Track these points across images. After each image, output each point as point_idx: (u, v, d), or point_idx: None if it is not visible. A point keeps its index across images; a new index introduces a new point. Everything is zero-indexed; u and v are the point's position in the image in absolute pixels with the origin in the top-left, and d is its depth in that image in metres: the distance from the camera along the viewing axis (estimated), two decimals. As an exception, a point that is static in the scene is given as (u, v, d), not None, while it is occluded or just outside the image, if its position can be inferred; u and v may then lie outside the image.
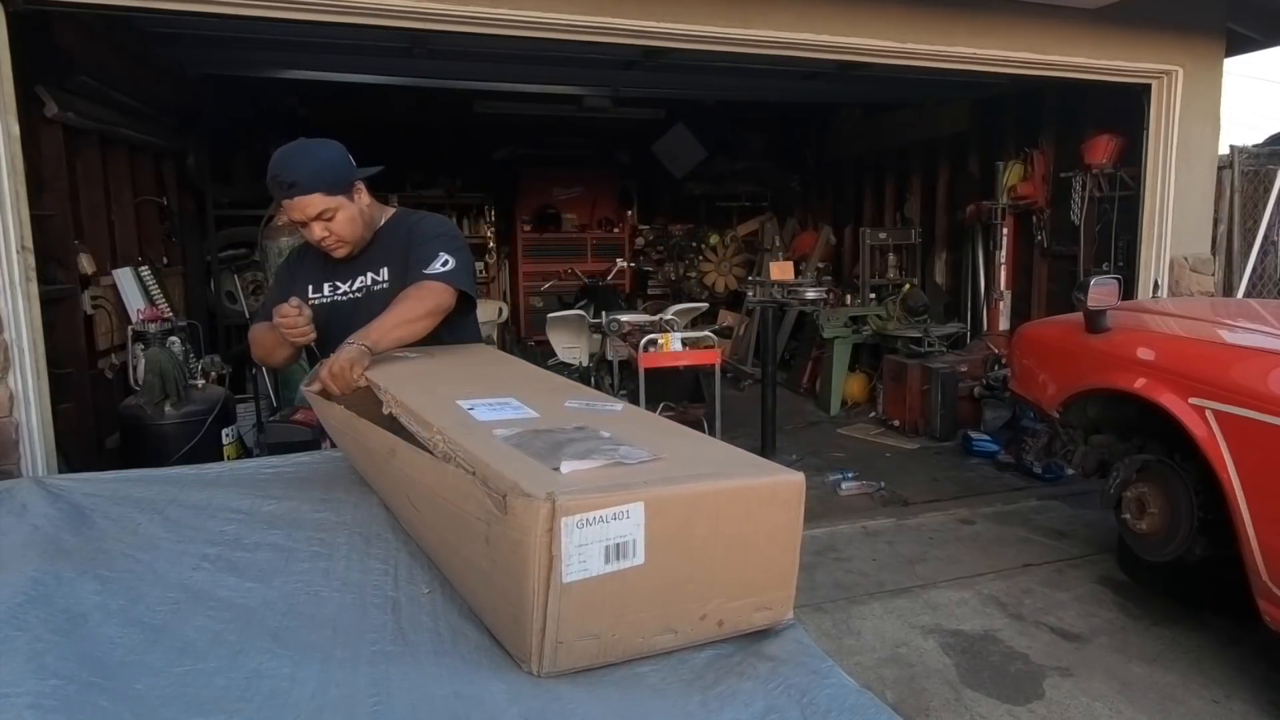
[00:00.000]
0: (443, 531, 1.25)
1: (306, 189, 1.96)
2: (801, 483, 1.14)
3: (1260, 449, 2.48)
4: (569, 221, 9.45)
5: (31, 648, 0.97)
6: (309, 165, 1.97)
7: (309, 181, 1.96)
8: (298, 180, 1.95)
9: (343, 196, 2.02)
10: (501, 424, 1.27)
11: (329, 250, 2.08)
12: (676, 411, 4.72)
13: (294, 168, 1.96)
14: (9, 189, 2.88)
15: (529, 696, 0.98)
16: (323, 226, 2.02)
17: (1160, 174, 4.75)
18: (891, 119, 7.49)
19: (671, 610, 1.08)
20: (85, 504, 1.55)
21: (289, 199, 1.98)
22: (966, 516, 4.28)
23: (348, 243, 2.08)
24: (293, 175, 1.95)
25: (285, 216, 2.09)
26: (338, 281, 2.16)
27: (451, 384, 1.58)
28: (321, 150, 2.02)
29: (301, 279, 2.18)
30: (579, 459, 1.08)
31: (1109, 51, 4.45)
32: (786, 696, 1.00)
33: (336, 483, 1.73)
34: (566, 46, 4.00)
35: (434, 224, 2.19)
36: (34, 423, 3.00)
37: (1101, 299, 3.18)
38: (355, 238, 2.09)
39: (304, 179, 1.95)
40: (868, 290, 6.95)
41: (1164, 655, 2.93)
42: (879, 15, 4.02)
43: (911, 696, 2.69)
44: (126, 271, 4.31)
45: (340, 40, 4.51)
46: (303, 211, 1.99)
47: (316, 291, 2.15)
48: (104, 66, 4.02)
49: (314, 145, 2.02)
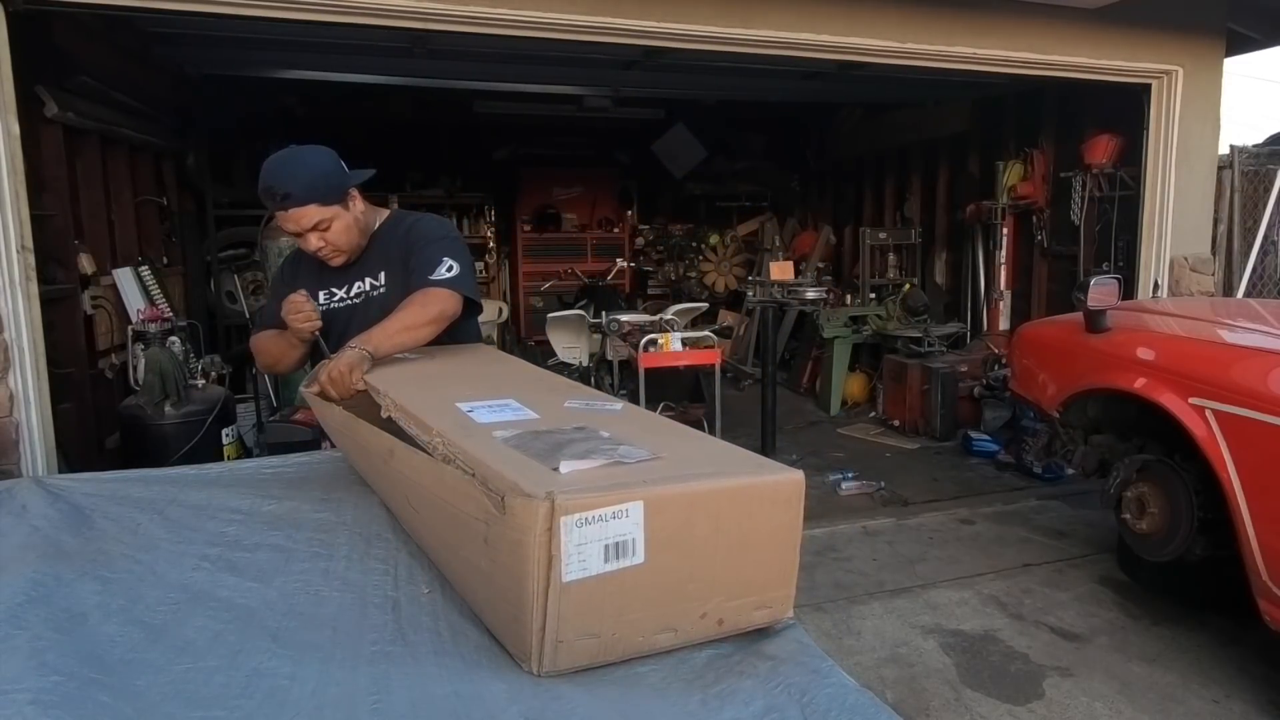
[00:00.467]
0: (442, 532, 1.25)
1: (301, 200, 1.92)
2: (801, 481, 1.14)
3: (1260, 449, 2.48)
4: (569, 221, 9.45)
5: (32, 645, 0.98)
6: (302, 176, 1.93)
7: (303, 193, 1.92)
8: (291, 192, 1.91)
9: (338, 206, 1.98)
10: (501, 425, 1.28)
11: (325, 259, 2.06)
12: (676, 411, 4.72)
13: (286, 179, 1.92)
14: (9, 189, 2.88)
15: (529, 696, 0.98)
16: (318, 237, 1.99)
17: (1160, 174, 4.75)
18: (891, 119, 7.49)
19: (671, 609, 1.08)
20: (85, 504, 1.55)
21: (283, 211, 1.94)
22: (966, 516, 4.28)
23: (344, 251, 2.06)
24: (285, 187, 1.91)
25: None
26: (334, 288, 2.13)
27: (451, 386, 1.58)
28: (314, 159, 1.98)
29: (298, 287, 2.13)
30: (578, 459, 1.08)
31: (1109, 51, 4.45)
32: (786, 695, 1.00)
33: (337, 483, 1.73)
34: (566, 46, 4.00)
35: (433, 226, 2.16)
36: (34, 423, 3.00)
37: (1101, 299, 3.19)
38: (351, 246, 2.06)
39: (297, 191, 1.91)
40: (868, 290, 6.95)
41: (1164, 655, 2.93)
42: (879, 15, 4.02)
43: (911, 696, 2.69)
44: (126, 271, 4.31)
45: (340, 40, 4.51)
46: (297, 223, 1.95)
47: (312, 299, 2.12)
48: (104, 66, 4.02)
49: (306, 154, 1.98)
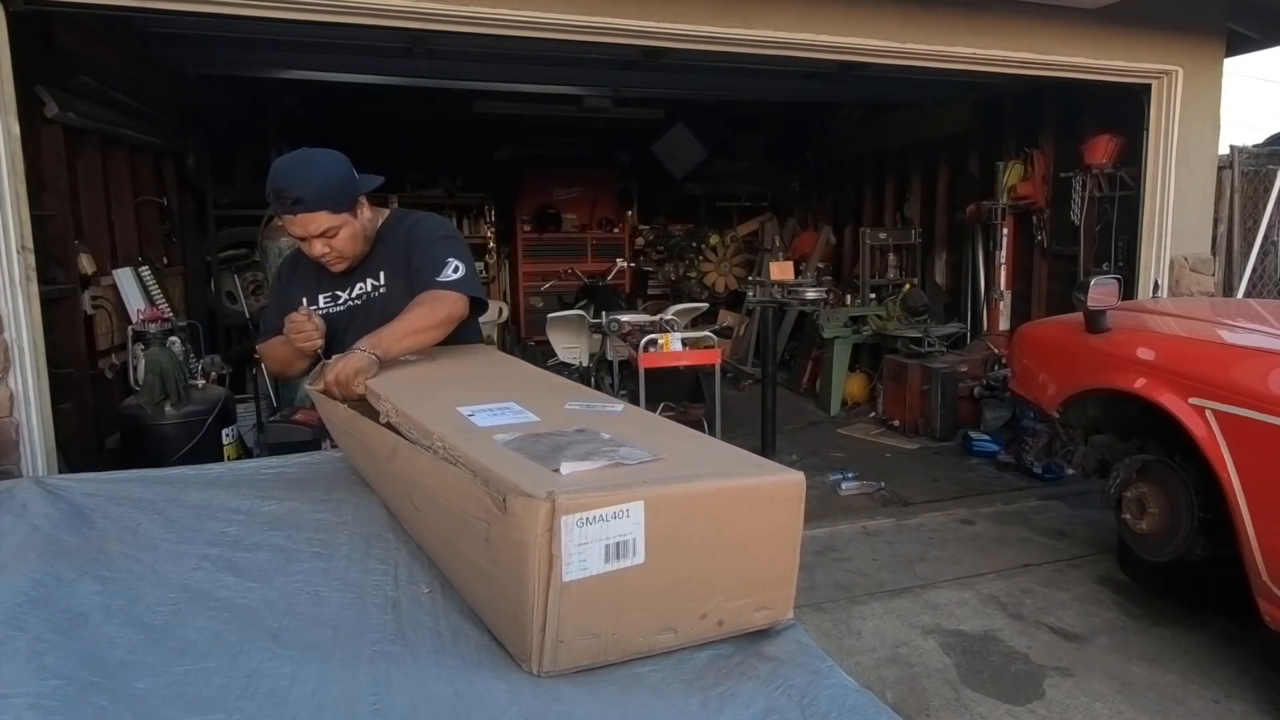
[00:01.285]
0: (443, 531, 1.25)
1: (312, 206, 1.88)
2: (802, 482, 1.14)
3: (1260, 449, 2.48)
4: (569, 221, 9.46)
5: (32, 648, 0.98)
6: (315, 181, 1.89)
7: (315, 199, 1.88)
8: (303, 197, 1.87)
9: (347, 214, 1.95)
10: (502, 429, 1.28)
11: (328, 265, 2.02)
12: (676, 411, 4.72)
13: (299, 183, 1.87)
14: (9, 189, 2.88)
15: (529, 696, 0.98)
16: (324, 243, 1.96)
17: (1160, 174, 4.75)
18: (891, 119, 7.49)
19: (671, 609, 1.08)
20: (85, 504, 1.55)
21: (292, 215, 1.90)
22: (966, 516, 4.28)
23: (347, 259, 2.03)
24: (298, 191, 1.87)
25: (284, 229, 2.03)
26: (336, 290, 2.11)
27: (452, 389, 1.58)
28: (327, 163, 1.94)
29: (296, 290, 2.11)
30: (579, 461, 1.09)
31: (1109, 51, 4.45)
32: (786, 697, 1.00)
33: (337, 483, 1.73)
34: (566, 46, 4.00)
35: (433, 225, 2.14)
36: (34, 423, 3.00)
37: (1101, 299, 3.18)
38: (355, 254, 2.03)
39: (310, 196, 1.87)
40: (868, 290, 6.95)
41: (1164, 655, 2.93)
42: (879, 15, 4.02)
43: (911, 696, 2.69)
44: (126, 271, 4.31)
45: (340, 40, 4.51)
46: (305, 228, 1.92)
47: (312, 303, 2.09)
48: (104, 66, 4.02)
49: (318, 158, 1.94)
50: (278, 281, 2.28)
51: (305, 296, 2.09)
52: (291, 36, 4.40)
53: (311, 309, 1.97)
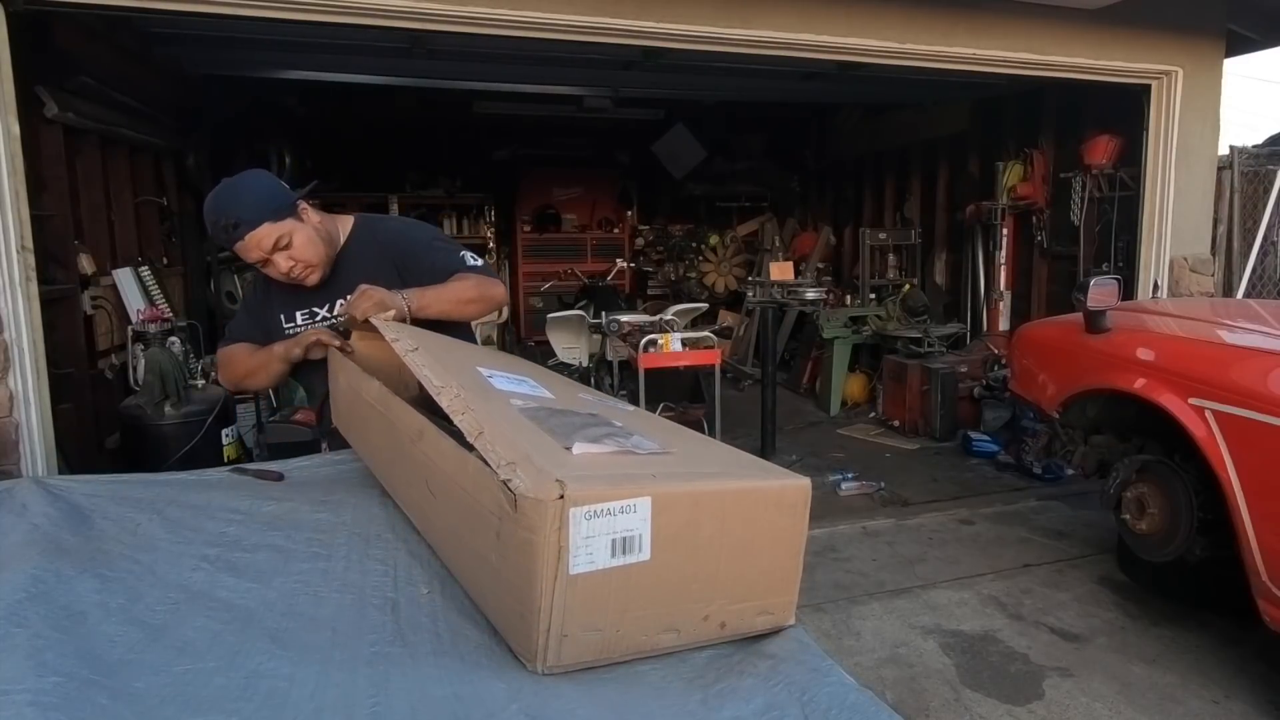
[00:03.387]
0: (455, 522, 1.24)
1: (253, 222, 1.86)
2: (807, 488, 1.14)
3: (1260, 449, 2.48)
4: (569, 222, 9.46)
5: (31, 644, 0.97)
6: (245, 200, 1.88)
7: (253, 215, 1.86)
8: (241, 217, 1.85)
9: (290, 219, 1.91)
10: (519, 396, 1.27)
11: (301, 280, 1.97)
12: (676, 412, 4.72)
13: (231, 206, 1.87)
14: (9, 189, 2.88)
15: (529, 695, 0.98)
16: (285, 257, 1.91)
17: (1160, 174, 4.75)
18: (891, 119, 7.50)
19: (675, 609, 1.07)
20: (85, 504, 1.55)
21: (240, 240, 1.87)
22: (966, 517, 4.28)
23: (315, 266, 1.96)
24: (234, 214, 1.85)
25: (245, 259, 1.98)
26: (314, 307, 2.04)
27: (469, 356, 1.57)
28: (250, 180, 1.94)
29: (273, 308, 2.07)
30: (591, 443, 1.09)
31: (1108, 52, 4.45)
32: (787, 694, 1.00)
33: (336, 484, 1.72)
34: (566, 46, 4.00)
35: (416, 227, 2.14)
36: (34, 423, 3.00)
37: (1101, 299, 3.19)
38: (321, 258, 1.97)
39: (246, 213, 1.86)
40: (868, 290, 6.95)
41: (1164, 655, 2.93)
42: (878, 16, 4.02)
43: (911, 696, 2.69)
44: (126, 272, 4.31)
45: (340, 40, 4.51)
46: (259, 247, 1.88)
47: (289, 321, 2.04)
48: (104, 66, 4.02)
49: (241, 179, 1.93)
50: (254, 296, 2.22)
51: (282, 314, 2.05)
52: (291, 36, 4.40)
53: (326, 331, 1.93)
